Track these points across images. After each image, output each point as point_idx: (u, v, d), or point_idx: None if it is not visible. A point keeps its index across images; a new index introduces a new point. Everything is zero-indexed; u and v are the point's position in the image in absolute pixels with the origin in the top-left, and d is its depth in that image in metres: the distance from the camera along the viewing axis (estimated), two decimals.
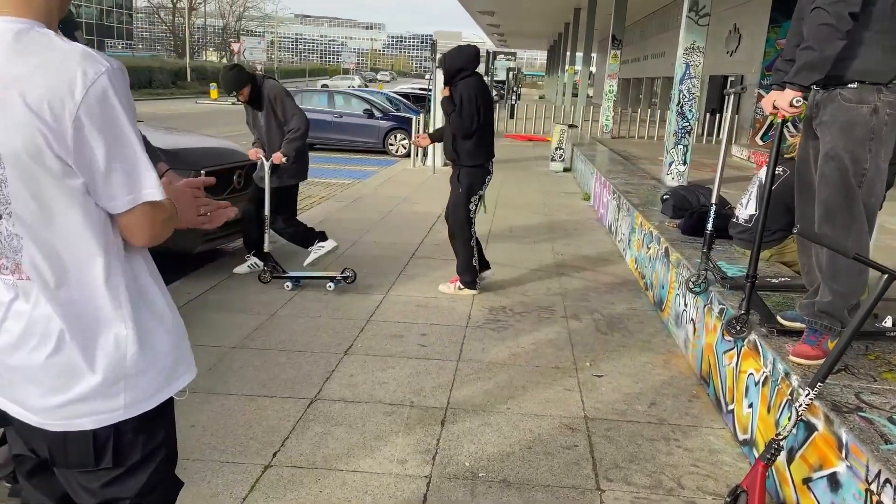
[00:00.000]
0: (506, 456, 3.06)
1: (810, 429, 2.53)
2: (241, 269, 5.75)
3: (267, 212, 5.46)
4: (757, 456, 2.91)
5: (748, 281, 3.26)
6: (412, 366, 3.99)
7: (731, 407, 3.39)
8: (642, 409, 3.57)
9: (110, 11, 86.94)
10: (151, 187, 1.35)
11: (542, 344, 4.42)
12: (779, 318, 3.24)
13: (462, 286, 5.39)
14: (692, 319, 4.24)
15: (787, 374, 2.79)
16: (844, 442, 2.27)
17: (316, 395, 3.57)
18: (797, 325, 3.16)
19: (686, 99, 10.99)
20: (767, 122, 20.18)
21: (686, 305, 4.41)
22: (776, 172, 4.69)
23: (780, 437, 2.49)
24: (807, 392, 2.44)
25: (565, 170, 13.68)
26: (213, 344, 4.18)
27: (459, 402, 3.55)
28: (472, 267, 5.37)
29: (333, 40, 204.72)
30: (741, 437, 3.21)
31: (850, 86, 2.82)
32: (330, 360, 4.01)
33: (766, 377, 2.99)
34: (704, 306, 4.00)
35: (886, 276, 2.26)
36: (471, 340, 4.43)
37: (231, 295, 5.16)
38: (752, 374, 3.16)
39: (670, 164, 10.50)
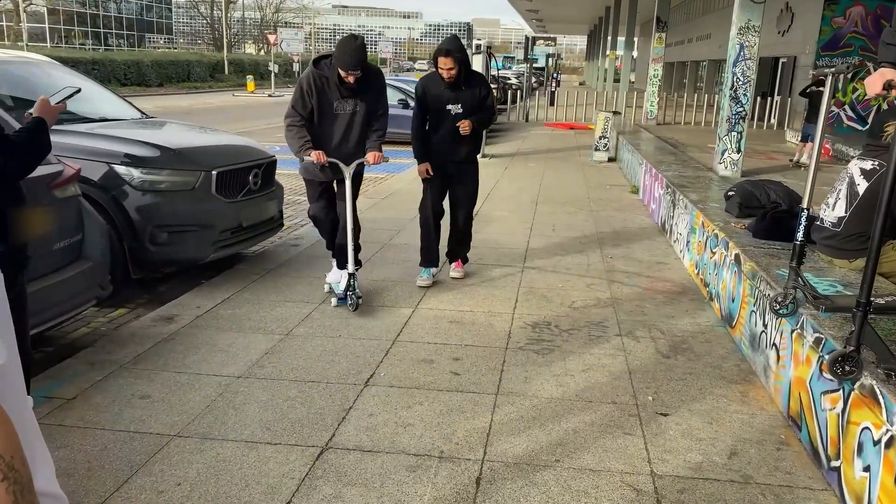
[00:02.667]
0: None
1: None
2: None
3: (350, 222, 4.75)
4: None
5: (860, 309, 2.60)
6: (443, 401, 3.41)
7: (835, 464, 2.74)
8: (721, 461, 2.94)
9: (150, 6, 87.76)
10: None
11: (594, 371, 3.80)
12: None
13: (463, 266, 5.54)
14: (774, 344, 3.57)
15: None
16: None
17: (328, 441, 3.01)
18: None
19: (740, 82, 10.20)
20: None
21: (765, 326, 3.74)
22: (870, 168, 4.00)
23: None
24: None
25: (610, 160, 12.94)
26: (216, 373, 3.66)
27: (498, 452, 2.96)
28: None
29: (371, 30, 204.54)
30: None
31: None
32: (347, 394, 3.45)
33: (893, 437, 2.34)
34: (792, 331, 3.34)
35: None
36: (511, 366, 3.83)
37: (244, 309, 4.64)
38: (868, 428, 2.51)
39: (723, 153, 9.75)
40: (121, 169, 4.78)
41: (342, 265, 4.93)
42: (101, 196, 4.68)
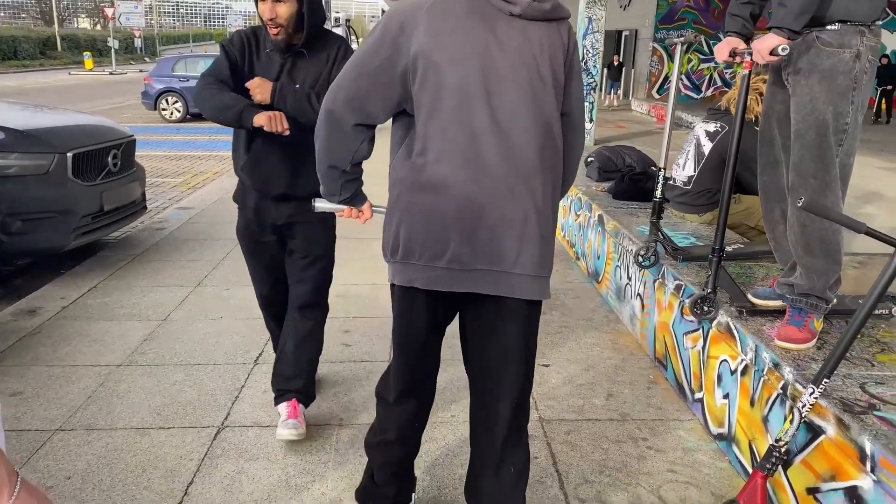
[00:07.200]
0: (459, 479, 2.61)
1: (814, 431, 2.20)
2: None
3: None
4: (750, 463, 2.58)
5: (714, 256, 2.90)
6: (337, 371, 3.46)
7: (698, 395, 3.06)
8: (600, 402, 3.20)
9: None
10: None
11: None
12: (749, 297, 2.91)
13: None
14: (639, 294, 3.90)
15: (776, 365, 2.45)
16: (870, 453, 1.93)
17: (224, 421, 2.99)
18: (770, 303, 2.84)
19: (590, 54, 10.75)
20: (663, 75, 20.44)
21: (630, 279, 4.06)
22: (713, 129, 4.40)
23: (782, 443, 2.14)
24: (811, 390, 2.09)
25: None
26: (93, 363, 3.50)
27: None
28: None
29: (217, 3, 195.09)
30: (715, 430, 2.88)
31: (829, 27, 2.45)
32: (237, 374, 3.42)
33: (747, 366, 2.65)
34: (654, 281, 3.65)
35: None
36: None
37: (115, 297, 4.43)
38: (725, 360, 2.82)
39: None
40: None
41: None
42: None
